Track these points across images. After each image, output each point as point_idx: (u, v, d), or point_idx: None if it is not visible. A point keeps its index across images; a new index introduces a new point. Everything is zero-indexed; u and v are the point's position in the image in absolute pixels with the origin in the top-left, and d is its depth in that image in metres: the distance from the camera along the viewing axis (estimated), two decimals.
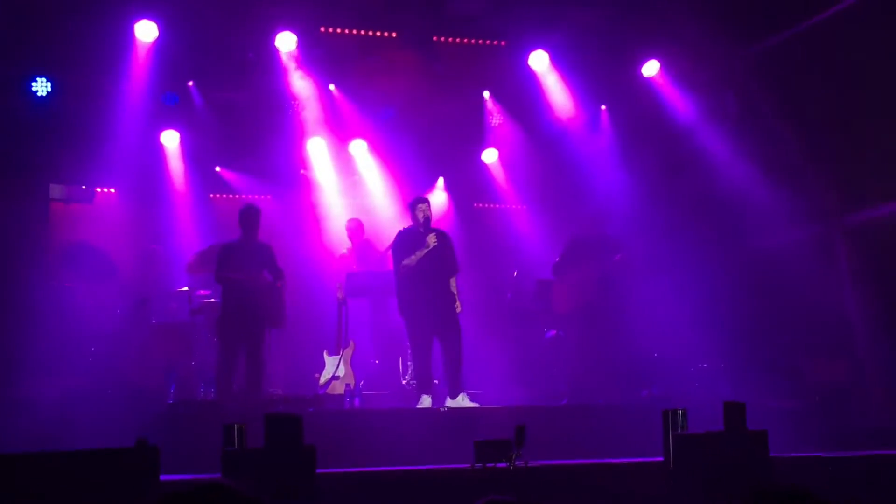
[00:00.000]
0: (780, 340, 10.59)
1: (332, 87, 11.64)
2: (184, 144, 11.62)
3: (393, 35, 11.31)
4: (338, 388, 9.70)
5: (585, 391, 9.50)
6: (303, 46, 11.00)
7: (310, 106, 11.57)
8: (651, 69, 11.66)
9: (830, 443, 8.12)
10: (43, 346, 9.05)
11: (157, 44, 10.44)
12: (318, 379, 9.99)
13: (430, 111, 11.91)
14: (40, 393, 8.50)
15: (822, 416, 8.91)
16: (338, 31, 11.12)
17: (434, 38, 11.44)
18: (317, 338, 10.70)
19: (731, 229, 11.23)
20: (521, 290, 11.27)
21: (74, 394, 8.47)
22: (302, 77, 11.27)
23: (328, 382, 9.85)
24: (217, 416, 7.52)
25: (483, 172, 12.85)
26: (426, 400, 8.87)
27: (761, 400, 8.96)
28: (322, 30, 11.07)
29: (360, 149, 12.29)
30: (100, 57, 10.35)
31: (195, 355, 10.06)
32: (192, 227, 11.40)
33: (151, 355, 9.87)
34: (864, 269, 10.60)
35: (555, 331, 10.54)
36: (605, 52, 11.40)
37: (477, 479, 6.38)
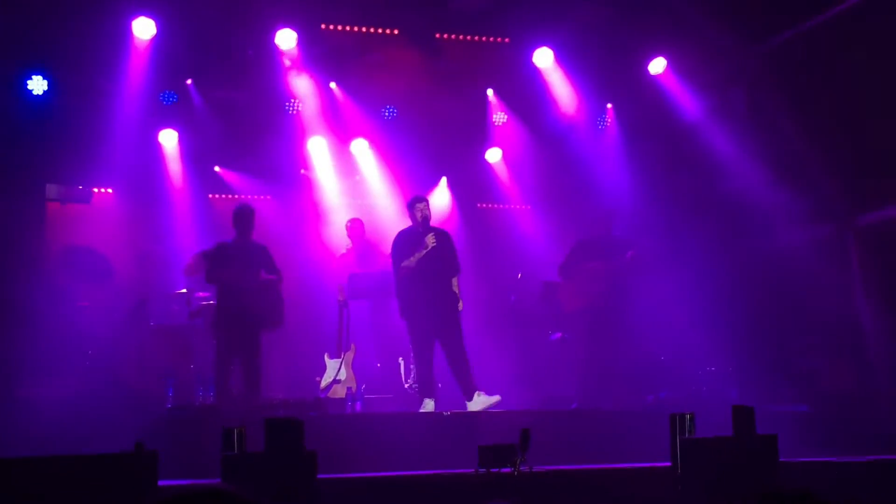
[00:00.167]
0: (789, 343, 10.59)
1: (332, 85, 11.65)
2: (182, 144, 11.62)
3: (395, 32, 11.31)
4: (339, 391, 9.71)
5: (593, 395, 9.50)
6: (303, 44, 11.01)
7: (310, 104, 11.59)
8: (658, 66, 11.66)
9: (840, 447, 8.11)
10: (39, 348, 9.06)
11: (155, 41, 10.44)
12: (318, 382, 10.00)
13: (433, 109, 11.91)
14: (37, 396, 8.51)
15: (831, 421, 8.89)
16: (338, 28, 11.13)
17: (437, 36, 11.43)
18: (317, 340, 10.71)
19: (739, 229, 11.22)
20: (525, 292, 11.27)
21: (71, 397, 8.48)
22: (302, 75, 11.28)
23: (329, 386, 9.86)
24: (216, 420, 7.52)
25: (487, 172, 12.84)
26: (429, 404, 8.87)
27: (770, 404, 8.97)
28: (322, 27, 11.07)
29: (362, 148, 12.30)
30: (97, 55, 10.35)
31: (194, 358, 10.07)
32: (191, 227, 11.41)
33: (150, 358, 9.88)
34: (875, 271, 10.58)
35: (560, 333, 10.54)
36: (610, 49, 11.40)
37: (481, 484, 6.38)
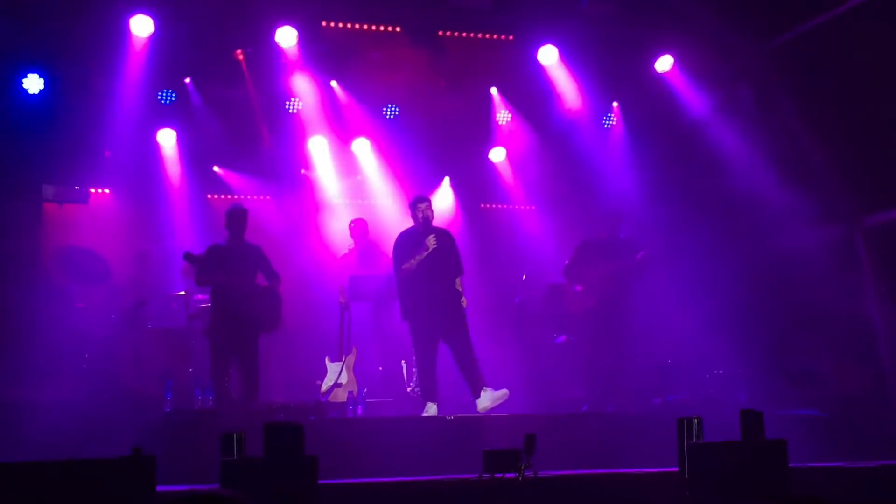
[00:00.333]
0: (799, 346, 10.57)
1: (333, 83, 11.65)
2: (180, 143, 11.63)
3: (397, 29, 11.30)
4: (340, 395, 9.71)
5: (600, 398, 9.50)
6: (303, 41, 11.01)
7: (310, 103, 11.59)
8: (664, 64, 11.65)
9: (851, 452, 8.10)
10: (35, 351, 9.06)
11: (153, 39, 10.43)
12: (319, 386, 9.99)
13: (436, 108, 11.91)
14: (32, 399, 8.51)
15: (842, 425, 8.87)
16: (339, 25, 11.12)
17: (439, 33, 11.43)
18: (318, 343, 10.71)
19: (747, 230, 11.21)
20: (529, 294, 11.27)
21: (68, 401, 8.48)
22: (303, 73, 11.28)
23: (330, 390, 9.86)
24: (215, 424, 7.53)
25: (490, 172, 12.84)
26: (431, 408, 8.86)
27: (779, 408, 8.96)
28: (323, 24, 11.07)
29: (363, 148, 12.30)
30: (94, 53, 10.36)
31: (193, 361, 10.07)
32: (190, 228, 11.41)
33: (147, 361, 9.88)
34: (885, 272, 10.57)
35: (565, 336, 10.53)
36: (616, 46, 11.39)
37: (485, 490, 6.38)
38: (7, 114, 10.21)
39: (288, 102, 11.56)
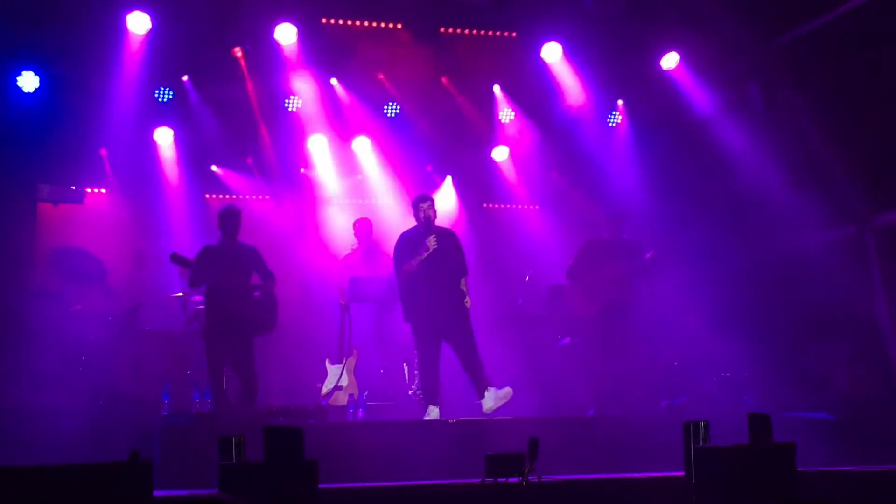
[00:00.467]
0: (807, 348, 10.56)
1: (333, 81, 11.65)
2: (178, 142, 11.63)
3: (398, 26, 11.31)
4: (341, 398, 9.71)
5: (605, 401, 9.49)
6: (303, 38, 11.01)
7: (310, 101, 11.59)
8: (670, 62, 11.64)
9: (860, 456, 8.09)
10: (31, 354, 9.07)
11: (150, 36, 10.44)
12: (319, 389, 9.99)
13: (438, 106, 11.93)
14: (27, 403, 8.52)
15: (851, 428, 8.87)
16: (339, 22, 11.13)
17: (441, 30, 11.43)
18: (318, 346, 10.71)
19: (755, 230, 11.20)
20: (533, 296, 11.26)
21: (63, 404, 8.49)
22: (302, 71, 11.28)
23: (330, 393, 9.86)
24: (213, 428, 7.52)
25: (493, 171, 12.84)
26: (434, 411, 8.86)
27: (788, 411, 8.95)
28: (323, 21, 11.08)
29: (364, 146, 12.30)
30: (90, 50, 10.37)
31: (190, 364, 10.07)
32: (187, 229, 11.40)
33: (144, 364, 9.88)
34: None
35: (569, 338, 10.53)
36: (621, 43, 11.39)
37: (488, 494, 6.37)
38: (2, 112, 10.21)
39: (287, 100, 11.57)
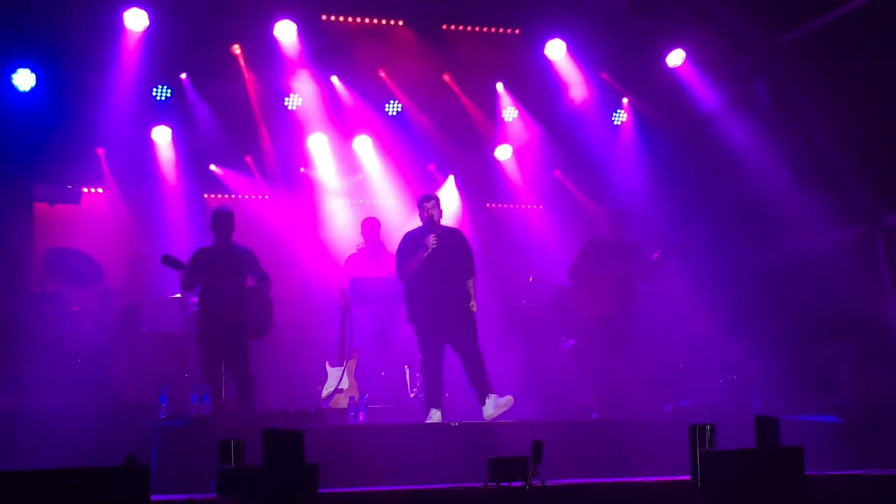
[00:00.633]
0: (815, 350, 10.55)
1: (334, 79, 11.66)
2: (176, 141, 11.63)
3: (399, 23, 11.32)
4: (341, 401, 9.71)
5: (610, 404, 9.49)
6: (303, 35, 11.02)
7: (310, 99, 11.60)
8: (676, 59, 11.65)
9: (870, 460, 8.09)
10: (25, 356, 9.07)
11: (148, 33, 10.46)
12: (320, 392, 10.00)
13: (440, 104, 11.92)
14: (23, 407, 8.51)
15: (861, 432, 8.87)
16: (340, 18, 11.14)
17: (443, 26, 11.45)
18: (319, 348, 10.71)
19: (762, 230, 11.20)
20: (536, 297, 11.26)
21: (59, 407, 8.48)
22: (302, 69, 11.29)
23: (331, 396, 9.87)
24: (212, 431, 7.52)
25: (496, 170, 12.84)
26: (436, 414, 8.86)
27: (796, 414, 8.95)
28: (323, 18, 11.09)
29: (365, 145, 12.31)
30: (86, 48, 10.38)
31: (189, 367, 10.07)
32: (186, 229, 11.39)
33: (142, 367, 9.89)
34: None
35: (574, 340, 10.53)
36: (626, 40, 11.40)
37: (490, 499, 6.38)
38: None
39: (287, 98, 11.58)
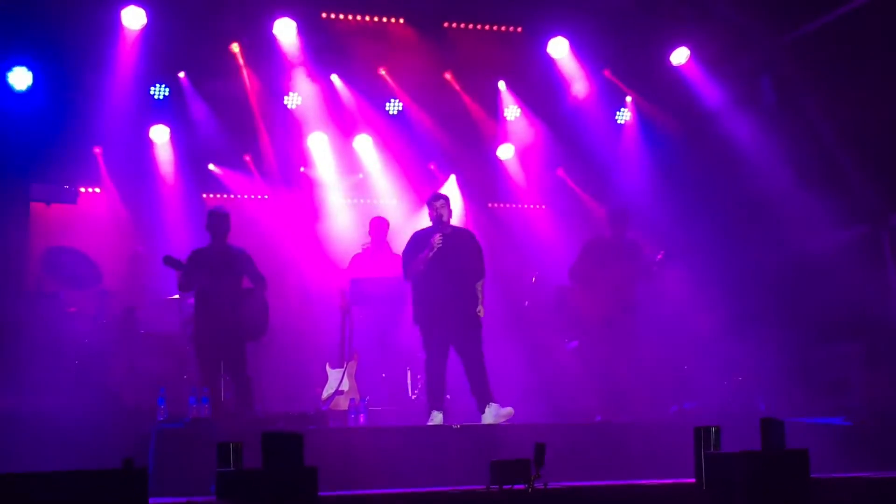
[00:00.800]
0: (821, 351, 10.55)
1: (334, 77, 11.67)
2: (174, 140, 11.64)
3: (400, 20, 11.33)
4: (341, 403, 9.71)
5: (613, 406, 9.48)
6: (302, 34, 11.03)
7: (310, 98, 11.60)
8: (680, 57, 11.65)
9: (877, 462, 8.08)
10: (22, 358, 9.07)
11: (146, 31, 10.47)
12: (320, 394, 10.00)
13: (441, 103, 11.93)
14: (19, 409, 8.51)
15: (867, 434, 8.86)
16: (340, 16, 11.15)
17: (444, 24, 11.45)
18: (319, 349, 10.71)
19: (767, 229, 11.20)
20: (539, 297, 11.26)
21: (56, 410, 8.48)
22: (302, 67, 11.29)
23: (331, 398, 9.86)
24: (211, 434, 7.53)
25: (498, 169, 12.84)
26: (437, 416, 8.85)
27: (801, 416, 8.94)
28: (323, 15, 11.10)
29: (365, 144, 12.31)
30: (84, 46, 10.38)
31: (187, 368, 10.07)
32: (184, 229, 11.39)
33: (140, 368, 9.88)
34: None
35: (577, 341, 10.52)
36: (630, 38, 11.40)
37: (493, 502, 6.38)
38: None
39: (286, 97, 11.59)
